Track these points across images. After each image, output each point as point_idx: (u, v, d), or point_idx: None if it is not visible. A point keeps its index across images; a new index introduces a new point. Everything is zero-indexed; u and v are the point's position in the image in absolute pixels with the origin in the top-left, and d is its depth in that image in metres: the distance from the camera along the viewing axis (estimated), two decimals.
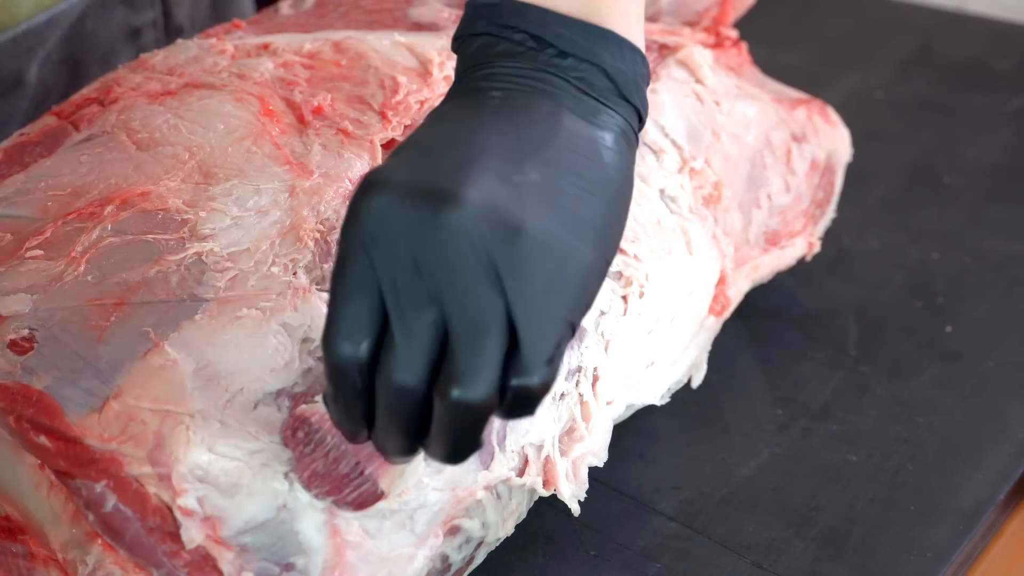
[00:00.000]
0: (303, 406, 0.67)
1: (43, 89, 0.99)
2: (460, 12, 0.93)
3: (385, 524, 0.68)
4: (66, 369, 0.68)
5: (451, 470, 0.71)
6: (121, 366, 0.68)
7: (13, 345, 0.69)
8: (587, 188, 0.64)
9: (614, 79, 0.69)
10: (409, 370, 0.60)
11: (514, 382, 0.60)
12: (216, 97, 0.83)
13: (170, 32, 1.06)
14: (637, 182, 0.84)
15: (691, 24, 1.02)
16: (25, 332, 0.69)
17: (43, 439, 0.67)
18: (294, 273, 0.72)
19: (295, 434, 0.67)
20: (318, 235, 0.74)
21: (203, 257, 0.73)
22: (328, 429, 0.67)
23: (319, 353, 0.70)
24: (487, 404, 0.60)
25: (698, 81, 0.93)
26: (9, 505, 0.72)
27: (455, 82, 0.71)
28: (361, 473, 0.68)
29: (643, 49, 0.71)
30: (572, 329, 0.62)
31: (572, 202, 0.63)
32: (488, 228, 0.59)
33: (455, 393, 0.59)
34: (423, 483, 0.69)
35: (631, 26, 0.71)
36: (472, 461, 0.71)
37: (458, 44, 0.72)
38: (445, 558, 0.72)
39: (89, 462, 0.66)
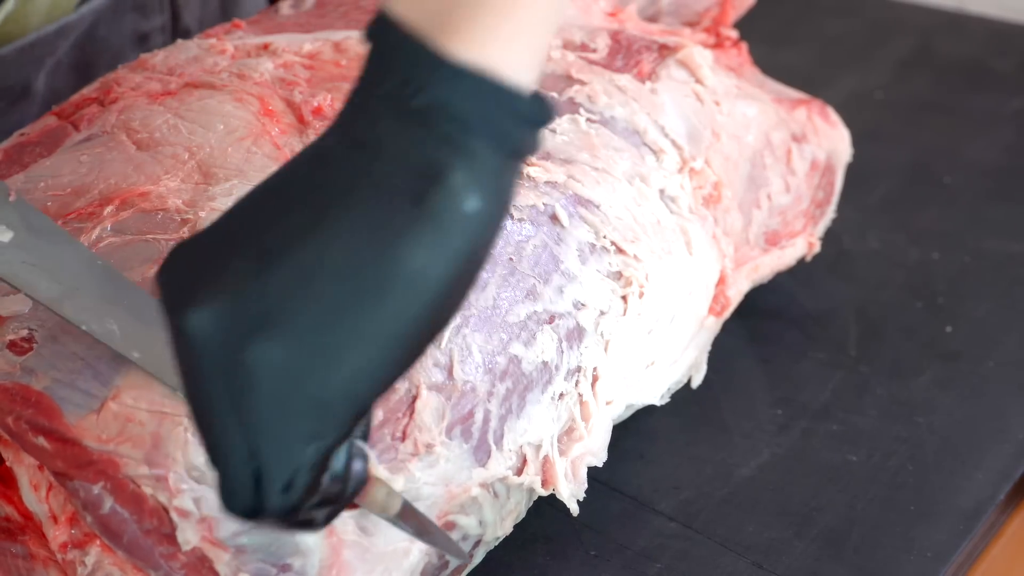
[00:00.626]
0: None
1: (52, 95, 0.99)
2: None
3: (381, 521, 0.68)
4: (65, 370, 0.68)
5: (444, 466, 0.71)
6: (120, 367, 0.68)
7: (12, 346, 0.69)
8: (360, 286, 0.55)
9: (458, 114, 0.56)
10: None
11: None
12: (216, 97, 0.83)
13: (178, 35, 1.06)
14: (637, 182, 0.84)
15: (691, 24, 1.02)
16: (24, 332, 0.69)
17: (41, 440, 0.67)
18: None
19: None
20: None
21: None
22: None
23: None
24: (268, 511, 0.56)
25: (698, 81, 0.93)
26: (9, 505, 0.72)
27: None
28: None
29: (524, 71, 0.57)
30: (338, 441, 0.56)
31: (329, 309, 0.55)
32: (217, 351, 0.55)
33: (228, 507, 0.56)
34: (415, 476, 0.69)
35: (490, 46, 0.56)
36: (467, 457, 0.71)
37: None
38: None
39: (87, 463, 0.66)
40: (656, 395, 0.85)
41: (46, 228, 0.71)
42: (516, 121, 0.57)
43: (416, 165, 0.55)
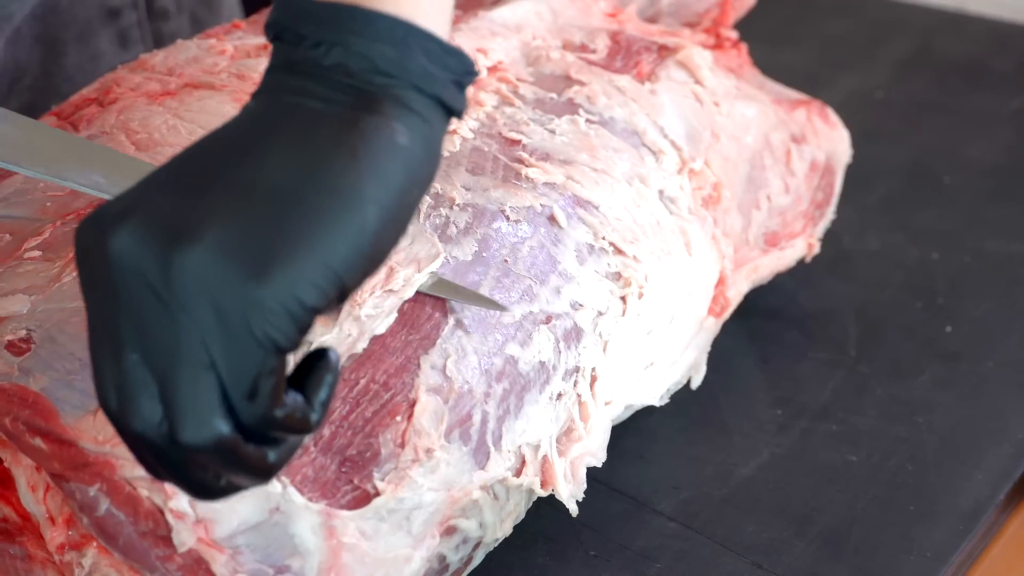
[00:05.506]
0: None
1: (16, 66, 0.98)
2: (460, 11, 0.93)
3: (382, 526, 0.68)
4: (62, 371, 0.68)
5: (444, 470, 0.71)
6: None
7: (10, 346, 0.69)
8: (295, 203, 0.56)
9: (373, 60, 0.59)
10: (138, 420, 0.56)
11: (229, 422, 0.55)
12: (215, 98, 0.83)
13: (153, 14, 1.05)
14: (636, 183, 0.84)
15: (691, 25, 1.02)
16: (23, 333, 0.69)
17: (39, 441, 0.67)
18: None
19: None
20: None
21: None
22: (312, 437, 0.67)
23: None
24: (224, 441, 0.55)
25: (697, 82, 0.93)
26: (7, 506, 0.72)
27: None
28: (350, 480, 0.68)
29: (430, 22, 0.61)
30: (290, 347, 0.56)
31: (261, 219, 0.55)
32: (147, 256, 0.55)
33: (179, 438, 0.55)
34: (418, 483, 0.69)
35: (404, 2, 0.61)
36: (467, 460, 0.71)
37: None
38: (442, 558, 0.72)
39: (83, 465, 0.66)
40: (655, 396, 0.85)
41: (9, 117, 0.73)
42: (434, 63, 0.60)
43: (345, 102, 0.59)
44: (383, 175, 0.57)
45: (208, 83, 0.84)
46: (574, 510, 0.76)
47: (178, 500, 0.65)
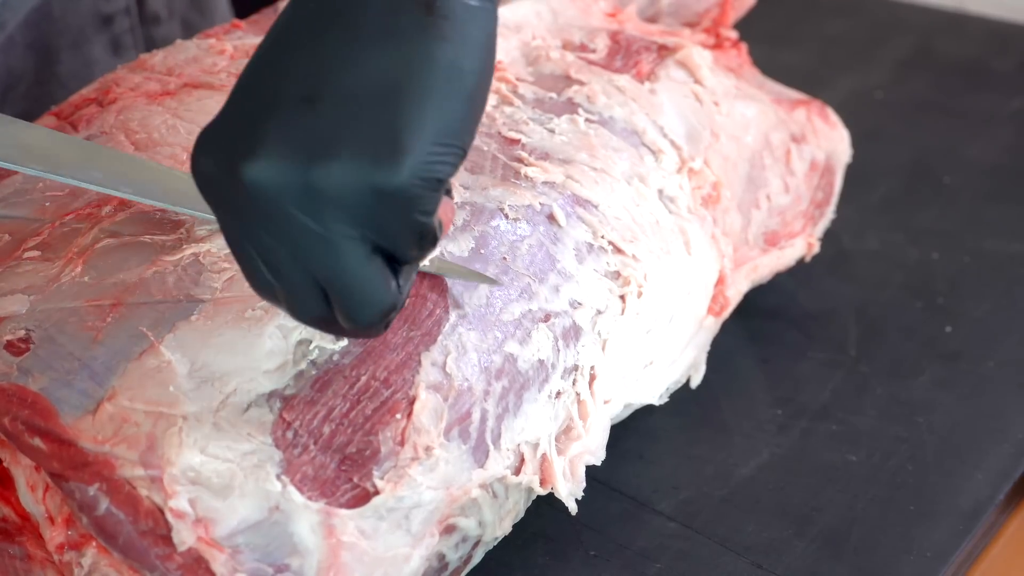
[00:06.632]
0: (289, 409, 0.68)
1: (9, 74, 0.98)
2: None
3: (381, 525, 0.68)
4: (62, 370, 0.68)
5: (444, 468, 0.71)
6: (116, 367, 0.68)
7: (9, 346, 0.69)
8: (406, 94, 0.60)
9: None
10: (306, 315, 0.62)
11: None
12: (215, 98, 0.83)
13: (145, 20, 1.05)
14: (636, 182, 0.84)
15: (691, 25, 1.02)
16: (21, 333, 0.69)
17: (38, 441, 0.67)
18: None
19: (283, 436, 0.67)
20: None
21: (200, 258, 0.73)
22: (311, 435, 0.67)
23: (313, 356, 0.70)
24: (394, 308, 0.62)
25: (697, 82, 0.93)
26: (6, 506, 0.72)
27: None
28: (349, 478, 0.68)
29: None
30: (429, 212, 0.61)
31: (380, 121, 0.60)
32: (287, 190, 0.59)
33: (358, 323, 0.62)
34: (417, 482, 0.69)
35: None
36: (466, 458, 0.71)
37: None
38: (442, 557, 0.72)
39: (82, 465, 0.66)
40: (655, 395, 0.85)
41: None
42: None
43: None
44: (469, 42, 0.60)
45: (207, 83, 0.85)
46: (573, 508, 0.76)
47: (178, 499, 0.65)
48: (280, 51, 0.61)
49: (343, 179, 0.58)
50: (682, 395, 0.89)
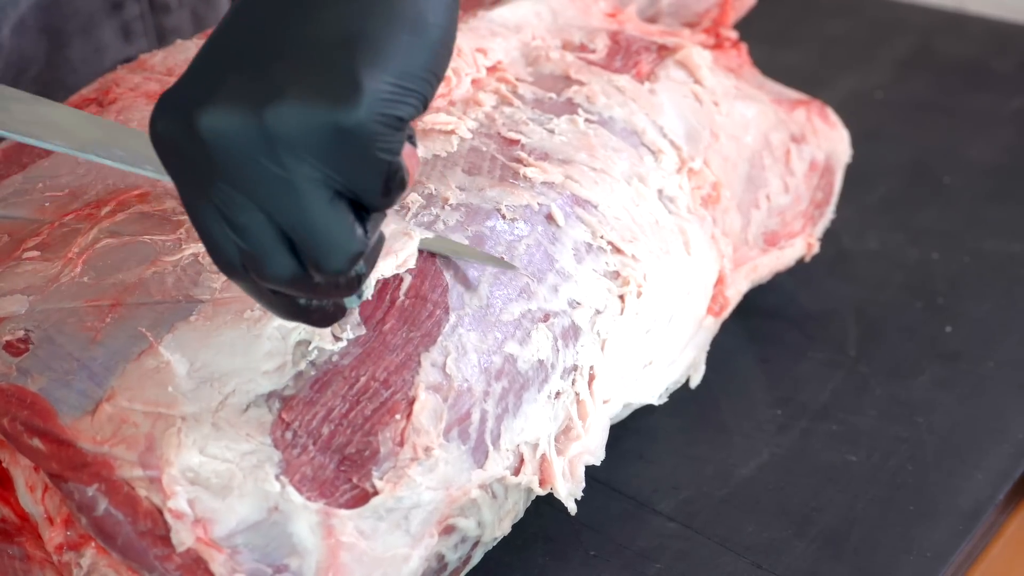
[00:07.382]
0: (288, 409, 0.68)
1: (21, 57, 0.99)
2: (460, 12, 0.93)
3: (380, 525, 0.68)
4: (60, 371, 0.68)
5: (443, 468, 0.70)
6: (115, 367, 0.68)
7: (8, 346, 0.69)
8: (360, 39, 0.60)
9: None
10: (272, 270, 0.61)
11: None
12: None
13: (155, 8, 1.06)
14: (635, 182, 0.84)
15: (691, 25, 1.02)
16: (21, 333, 0.69)
17: (37, 442, 0.67)
18: None
19: (282, 436, 0.67)
20: None
21: (199, 258, 0.73)
22: (310, 435, 0.67)
23: (312, 356, 0.70)
24: (359, 254, 0.61)
25: (697, 82, 0.93)
26: (6, 507, 0.72)
27: None
28: (348, 478, 0.68)
29: None
30: (393, 151, 0.61)
31: (336, 61, 0.60)
32: (245, 136, 0.58)
33: (325, 269, 0.60)
34: (416, 482, 0.69)
35: None
36: (465, 459, 0.71)
37: None
38: (441, 558, 0.72)
39: (81, 465, 0.66)
40: (654, 395, 0.85)
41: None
42: None
43: None
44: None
45: None
46: (572, 509, 0.76)
47: (177, 500, 0.65)
48: (243, 13, 0.61)
49: (300, 118, 0.57)
50: (682, 395, 0.89)
